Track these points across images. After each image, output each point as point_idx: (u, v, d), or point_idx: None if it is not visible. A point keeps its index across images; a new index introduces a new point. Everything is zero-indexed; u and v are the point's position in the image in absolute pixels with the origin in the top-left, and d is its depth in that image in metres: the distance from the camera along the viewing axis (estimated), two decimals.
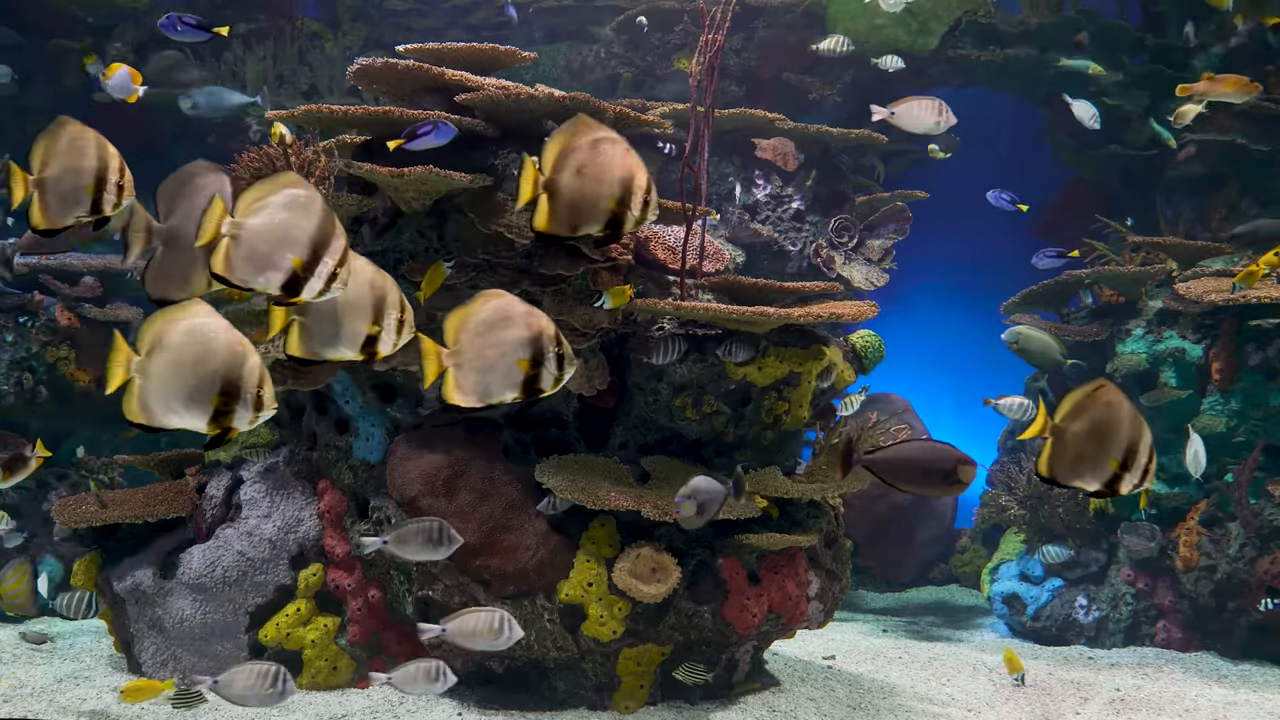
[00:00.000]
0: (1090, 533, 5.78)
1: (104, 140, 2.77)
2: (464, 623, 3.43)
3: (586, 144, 2.74)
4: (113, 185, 2.74)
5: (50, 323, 5.80)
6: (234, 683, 3.25)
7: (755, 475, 4.22)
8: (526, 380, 2.71)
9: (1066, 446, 2.65)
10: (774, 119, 6.15)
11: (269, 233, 2.55)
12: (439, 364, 2.70)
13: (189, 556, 4.32)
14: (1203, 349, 5.57)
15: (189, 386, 2.51)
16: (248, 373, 2.53)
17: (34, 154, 2.76)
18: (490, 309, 2.74)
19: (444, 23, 8.21)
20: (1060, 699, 4.63)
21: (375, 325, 2.68)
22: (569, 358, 2.75)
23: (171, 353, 2.52)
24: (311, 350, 2.70)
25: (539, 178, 2.75)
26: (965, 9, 7.16)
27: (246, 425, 2.56)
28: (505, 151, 4.14)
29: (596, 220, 2.77)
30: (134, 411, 2.54)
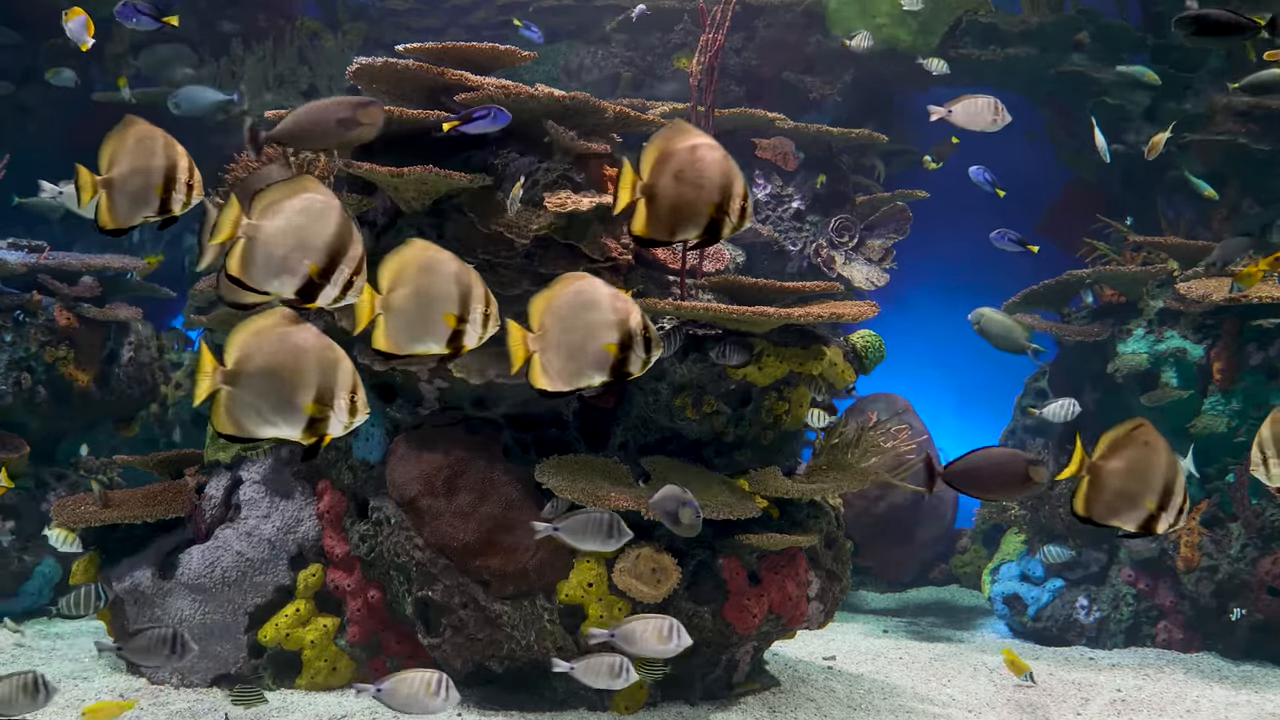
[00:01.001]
0: (1091, 533, 5.77)
1: (172, 140, 2.75)
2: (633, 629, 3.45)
3: (685, 149, 2.72)
4: (182, 185, 2.72)
5: (49, 322, 5.79)
6: (397, 691, 3.21)
7: (755, 475, 4.21)
8: (614, 364, 2.69)
9: (1103, 486, 2.65)
10: (774, 119, 6.15)
11: (286, 237, 2.52)
12: (525, 349, 2.68)
13: (188, 557, 4.32)
14: (1204, 349, 5.56)
15: (282, 395, 2.47)
16: (341, 377, 2.48)
17: (101, 153, 2.74)
18: (575, 292, 2.71)
19: (444, 22, 8.21)
20: (1061, 699, 4.62)
21: (461, 319, 2.66)
22: (655, 340, 2.73)
23: (262, 362, 2.48)
24: (397, 344, 2.65)
25: (637, 182, 2.74)
26: (966, 9, 7.15)
27: (341, 431, 2.51)
28: (505, 151, 4.13)
29: (696, 225, 2.74)
30: (223, 423, 2.49)
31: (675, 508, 3.42)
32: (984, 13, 7.26)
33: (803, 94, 7.15)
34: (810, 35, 7.28)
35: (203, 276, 5.12)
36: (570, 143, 4.11)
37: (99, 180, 2.73)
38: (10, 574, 5.42)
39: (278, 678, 4.29)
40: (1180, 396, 5.53)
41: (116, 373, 6.08)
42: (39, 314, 5.78)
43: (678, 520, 3.46)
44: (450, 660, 4.07)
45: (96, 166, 2.76)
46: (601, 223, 4.12)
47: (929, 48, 7.10)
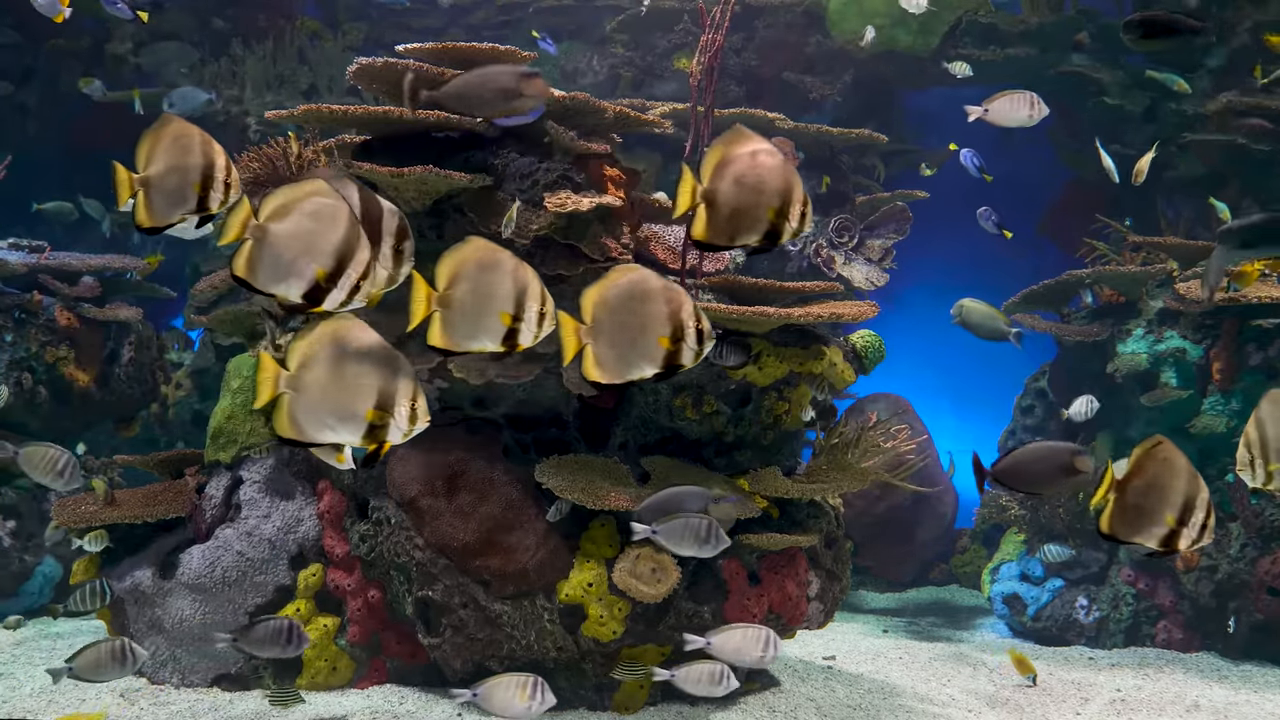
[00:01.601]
0: (1091, 533, 5.77)
1: (209, 138, 2.75)
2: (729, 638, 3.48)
3: (745, 155, 2.73)
4: (220, 183, 2.72)
5: (49, 322, 5.79)
6: (493, 695, 3.23)
7: (755, 475, 4.21)
8: (666, 356, 2.70)
9: (1126, 504, 2.68)
10: (774, 119, 6.15)
11: (293, 239, 2.53)
12: (578, 340, 2.69)
13: (188, 557, 4.32)
14: (1203, 349, 5.56)
15: (343, 402, 2.48)
16: (402, 385, 2.50)
17: (138, 152, 2.73)
18: (628, 283, 2.71)
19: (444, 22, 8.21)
20: (1061, 699, 4.62)
21: (516, 318, 2.66)
22: (707, 333, 2.73)
23: (325, 368, 2.49)
24: (453, 341, 2.66)
25: (697, 187, 2.74)
26: (966, 9, 7.15)
27: (400, 439, 2.52)
28: (505, 151, 4.13)
29: (756, 231, 2.75)
30: (284, 427, 2.51)
31: (703, 504, 3.38)
32: (984, 13, 7.26)
33: (803, 94, 7.15)
34: (810, 35, 7.28)
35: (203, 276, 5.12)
36: (570, 143, 4.11)
37: (136, 179, 2.72)
38: (10, 574, 5.42)
39: (278, 678, 4.29)
40: (1180, 396, 5.53)
41: (117, 373, 6.08)
42: (39, 314, 5.78)
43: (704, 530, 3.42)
44: (450, 660, 4.07)
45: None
46: (601, 223, 4.12)
47: (929, 48, 7.11)
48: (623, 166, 4.32)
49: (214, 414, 4.71)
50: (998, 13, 7.33)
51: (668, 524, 3.46)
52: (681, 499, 3.42)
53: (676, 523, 3.45)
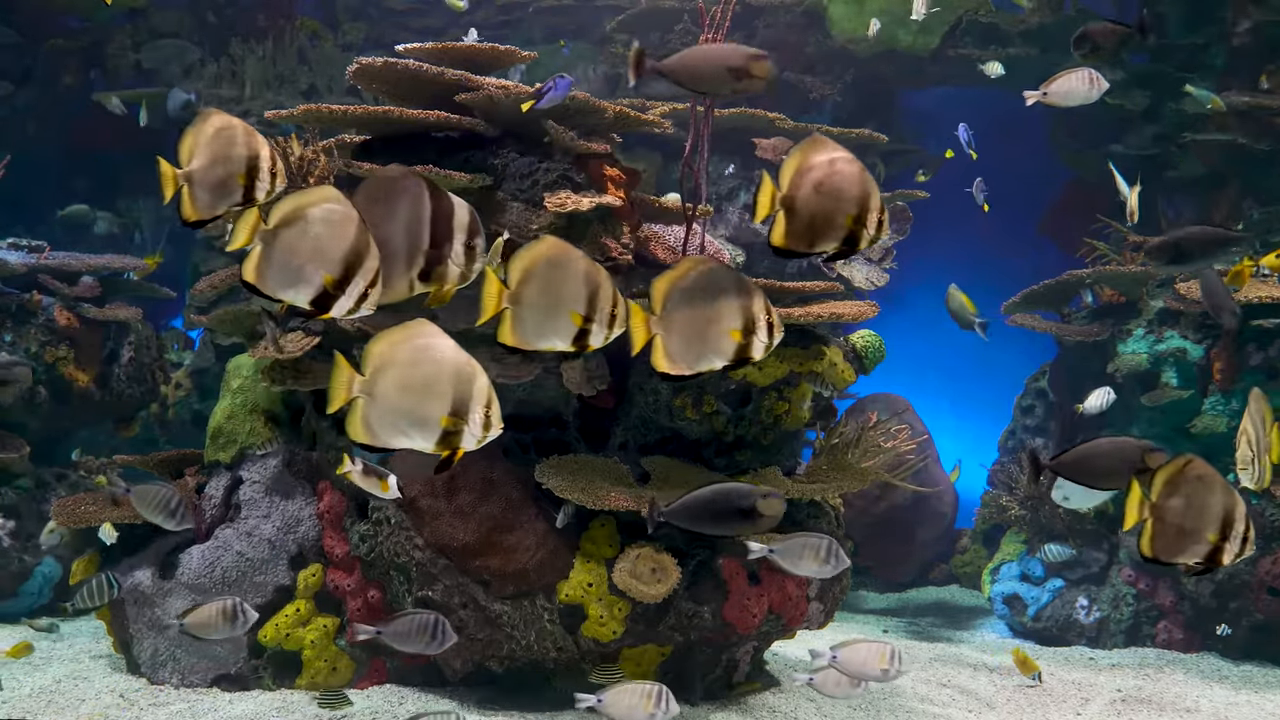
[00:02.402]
0: (1091, 533, 5.77)
1: (252, 129, 2.75)
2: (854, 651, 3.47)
3: (824, 162, 2.73)
4: (265, 173, 2.72)
5: (49, 322, 5.79)
6: (618, 702, 3.22)
7: (755, 475, 4.21)
8: (737, 349, 2.70)
9: (1165, 526, 2.70)
10: (774, 119, 6.15)
11: (302, 246, 2.52)
12: (647, 331, 2.69)
13: (188, 557, 4.32)
14: (1204, 349, 5.56)
15: (418, 407, 2.48)
16: (477, 392, 2.49)
17: (181, 147, 2.73)
18: (699, 275, 2.71)
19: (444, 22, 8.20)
20: (1061, 699, 4.62)
21: (587, 318, 2.66)
22: (778, 326, 2.74)
23: (399, 373, 2.48)
24: (523, 339, 2.66)
25: (777, 194, 2.75)
26: (966, 8, 7.15)
27: (474, 445, 2.52)
28: (505, 151, 4.13)
29: (834, 237, 2.75)
30: (358, 432, 2.51)
31: (752, 502, 3.32)
32: (984, 13, 7.26)
33: (803, 94, 7.15)
34: (810, 35, 7.28)
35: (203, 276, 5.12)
36: (570, 143, 4.11)
37: (179, 174, 2.72)
38: (10, 574, 5.42)
39: (278, 678, 4.28)
40: (1180, 396, 5.53)
41: (116, 373, 6.08)
42: (39, 314, 5.78)
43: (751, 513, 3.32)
44: (450, 660, 4.07)
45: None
46: (601, 223, 4.12)
47: (929, 48, 7.11)
48: (623, 166, 4.32)
49: (214, 414, 4.71)
50: (998, 13, 7.33)
51: (787, 543, 3.44)
52: (729, 496, 3.34)
53: (795, 541, 3.44)
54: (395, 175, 2.68)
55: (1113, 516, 5.76)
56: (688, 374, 2.72)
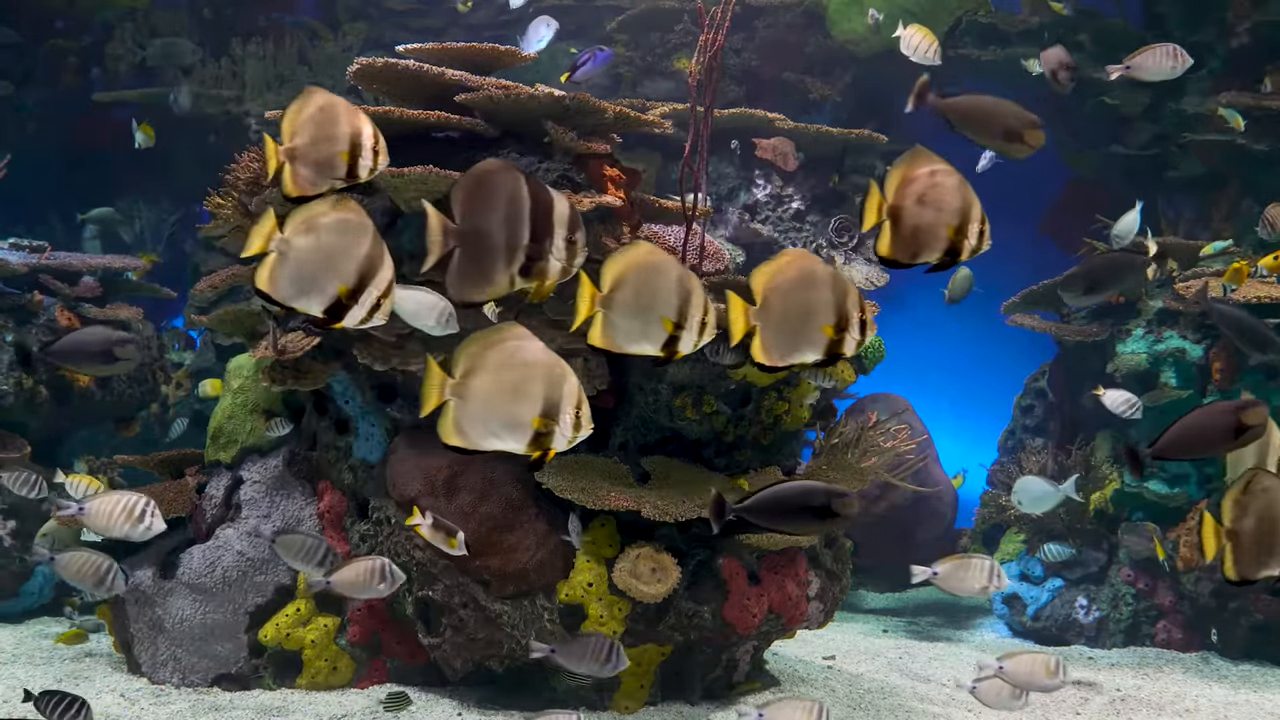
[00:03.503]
0: (1090, 533, 5.78)
1: (354, 107, 2.76)
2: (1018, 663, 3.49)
3: (925, 174, 2.76)
4: (368, 150, 2.72)
5: (50, 323, 5.79)
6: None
7: (755, 475, 4.21)
8: (829, 344, 2.72)
9: (1245, 545, 2.73)
10: (774, 119, 6.15)
11: (317, 255, 2.53)
12: (747, 322, 2.70)
13: (189, 557, 4.32)
14: (1203, 349, 5.57)
15: (509, 409, 2.49)
16: (567, 393, 2.49)
17: (283, 124, 2.73)
18: (798, 269, 2.73)
19: (444, 23, 8.21)
20: (1060, 699, 4.62)
21: (678, 325, 2.66)
22: (869, 323, 2.76)
23: (491, 376, 2.49)
24: (614, 343, 2.67)
25: (883, 203, 2.77)
26: (965, 8, 7.16)
27: (565, 445, 2.52)
28: (505, 151, 4.13)
29: (937, 248, 2.78)
30: (450, 434, 2.51)
31: (826, 500, 3.28)
32: (984, 13, 7.26)
33: (803, 94, 7.16)
34: (810, 35, 7.29)
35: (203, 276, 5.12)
36: (570, 143, 4.11)
37: (282, 150, 2.72)
38: (10, 574, 5.42)
39: (278, 677, 4.29)
40: (1180, 396, 5.53)
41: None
42: (40, 314, 5.78)
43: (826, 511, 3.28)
44: (450, 660, 4.08)
45: None
46: (602, 223, 4.13)
47: None
48: (623, 166, 4.32)
49: (214, 414, 4.71)
50: (998, 13, 7.33)
51: (952, 564, 3.44)
52: (805, 495, 3.30)
53: (959, 562, 3.45)
54: (493, 168, 2.65)
55: (1112, 516, 5.76)
56: (781, 366, 2.75)
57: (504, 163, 2.69)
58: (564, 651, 3.45)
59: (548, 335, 3.97)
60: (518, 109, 4.04)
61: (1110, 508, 5.76)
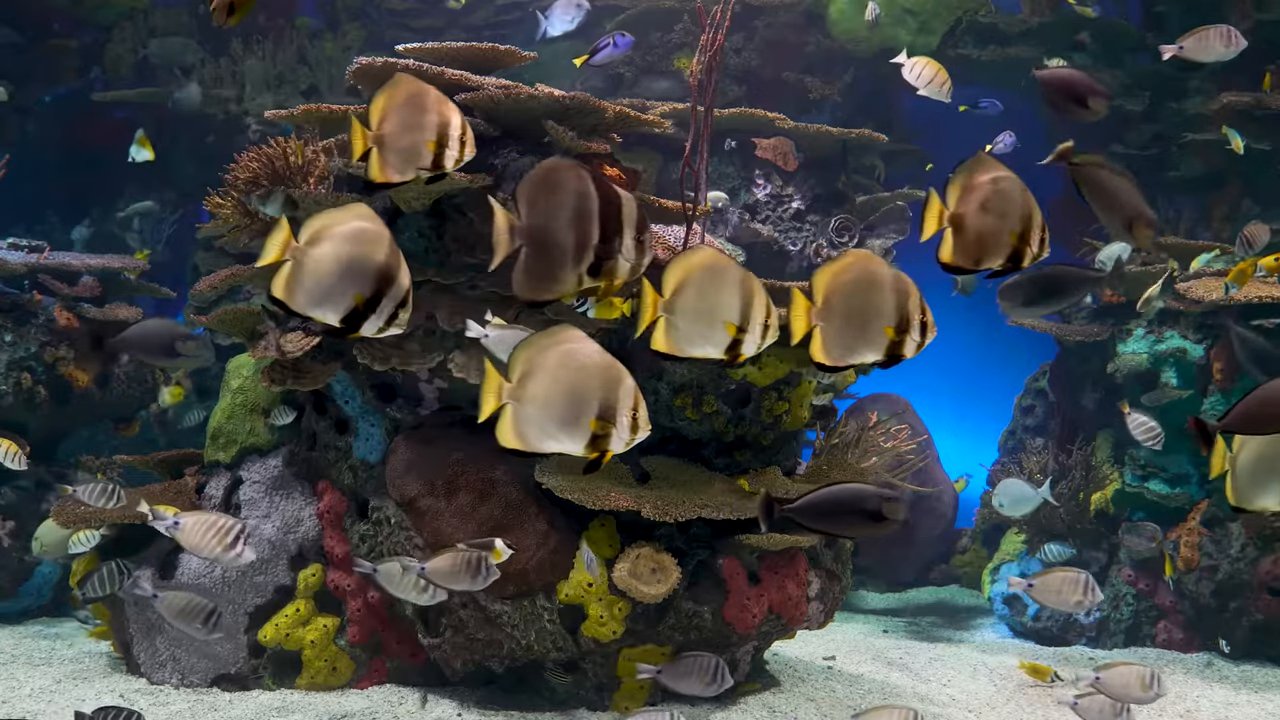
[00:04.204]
0: (1091, 533, 5.77)
1: (444, 96, 2.75)
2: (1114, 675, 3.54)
3: (988, 181, 2.77)
4: (455, 140, 2.73)
5: (49, 322, 5.79)
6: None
7: (755, 475, 4.21)
8: (889, 346, 2.72)
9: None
10: (774, 119, 6.15)
11: (333, 264, 2.52)
12: (808, 321, 2.71)
13: (188, 557, 4.31)
14: (1204, 349, 5.56)
15: (566, 412, 2.49)
16: (623, 395, 2.51)
17: (371, 110, 2.74)
18: (859, 269, 2.73)
19: (444, 22, 8.20)
20: (1061, 699, 4.62)
21: (741, 328, 2.67)
22: (930, 325, 2.77)
23: (547, 378, 2.49)
24: (677, 347, 2.69)
25: (944, 211, 2.79)
26: (965, 8, 7.15)
27: (623, 447, 2.53)
28: (505, 151, 4.13)
29: (999, 254, 2.80)
30: (508, 438, 2.51)
31: (878, 505, 3.28)
32: (984, 13, 7.26)
33: (803, 94, 7.15)
34: (810, 35, 7.28)
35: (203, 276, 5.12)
36: (570, 143, 4.11)
37: (370, 135, 2.72)
38: (10, 574, 5.42)
39: (278, 678, 4.29)
40: (1180, 396, 5.53)
41: (116, 373, 6.08)
42: (39, 314, 5.78)
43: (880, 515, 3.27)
44: (450, 660, 4.07)
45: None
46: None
47: (929, 48, 7.10)
48: (623, 166, 4.32)
49: (214, 414, 4.71)
50: (998, 13, 7.33)
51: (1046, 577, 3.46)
52: (857, 498, 3.29)
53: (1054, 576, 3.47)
54: (560, 166, 2.65)
55: (1113, 517, 5.76)
56: (841, 366, 2.76)
57: (571, 161, 2.69)
58: (670, 671, 3.46)
59: None
60: (518, 109, 4.03)
61: (1110, 508, 5.76)
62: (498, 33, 8.02)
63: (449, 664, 4.09)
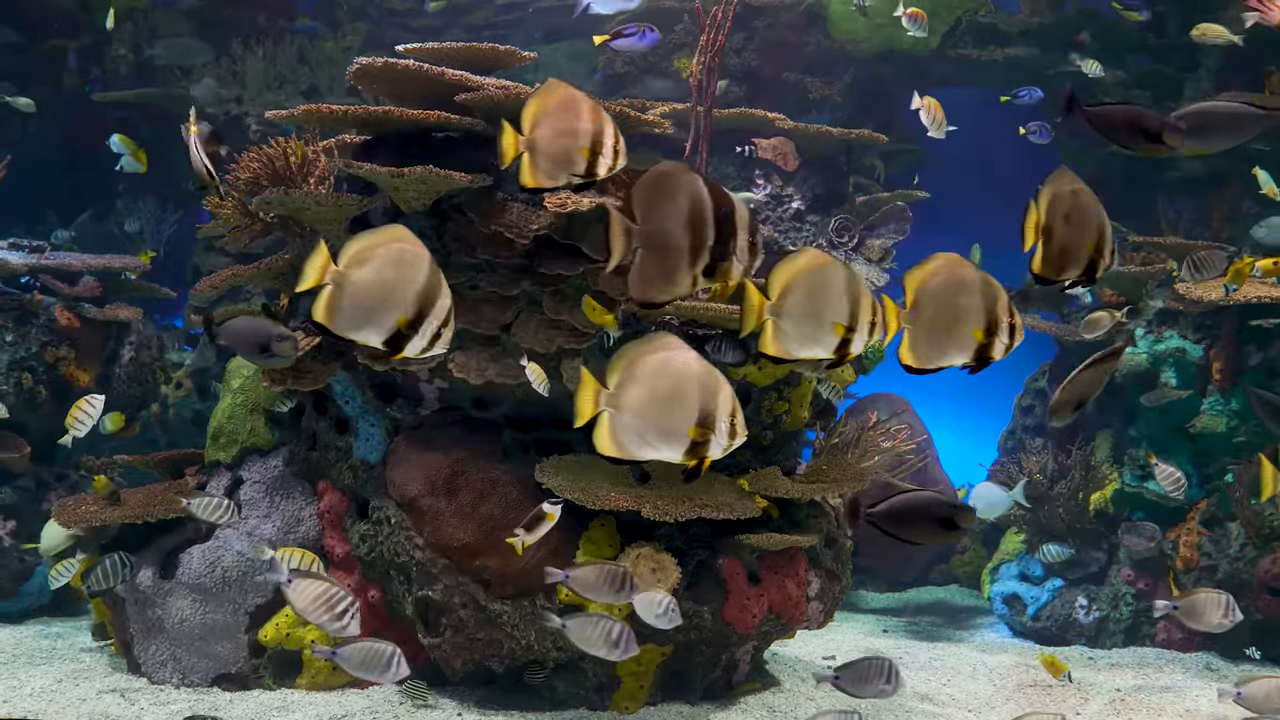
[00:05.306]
0: (1090, 533, 5.77)
1: (597, 104, 2.76)
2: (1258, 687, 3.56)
3: (1069, 193, 2.82)
4: (609, 149, 2.73)
5: (49, 322, 5.79)
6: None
7: (755, 475, 4.21)
8: (978, 348, 2.74)
9: None
10: (774, 119, 6.15)
11: (375, 288, 2.52)
12: (899, 322, 2.72)
13: (189, 557, 4.32)
14: (1203, 349, 5.57)
15: (666, 419, 2.49)
16: (721, 402, 2.51)
17: (525, 115, 2.74)
18: (949, 273, 2.75)
19: (444, 22, 8.21)
20: (1060, 699, 4.62)
21: (850, 327, 2.67)
22: (1019, 327, 2.78)
23: (646, 386, 2.49)
24: (786, 350, 2.68)
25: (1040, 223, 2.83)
26: (965, 8, 7.15)
27: (720, 454, 2.54)
28: None
29: (1078, 266, 2.84)
30: (605, 445, 2.51)
31: (951, 513, 3.32)
32: (984, 13, 7.26)
33: (803, 94, 7.15)
34: (810, 35, 7.28)
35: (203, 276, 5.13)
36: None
37: (522, 140, 2.72)
38: (10, 574, 5.42)
39: (278, 678, 4.29)
40: (1179, 396, 5.53)
41: (117, 373, 6.08)
42: (39, 314, 5.78)
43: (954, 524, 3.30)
44: (450, 660, 4.07)
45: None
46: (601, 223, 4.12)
47: (929, 48, 7.11)
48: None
49: (214, 414, 4.71)
50: (998, 13, 7.33)
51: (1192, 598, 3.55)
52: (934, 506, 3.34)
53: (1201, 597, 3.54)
54: (673, 170, 2.65)
55: (1112, 516, 5.76)
56: (929, 369, 2.77)
57: (683, 164, 2.70)
58: (847, 676, 3.47)
59: (547, 335, 3.99)
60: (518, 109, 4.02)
61: (1110, 508, 5.76)
62: (498, 33, 8.02)
63: (449, 664, 4.09)
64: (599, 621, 3.46)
